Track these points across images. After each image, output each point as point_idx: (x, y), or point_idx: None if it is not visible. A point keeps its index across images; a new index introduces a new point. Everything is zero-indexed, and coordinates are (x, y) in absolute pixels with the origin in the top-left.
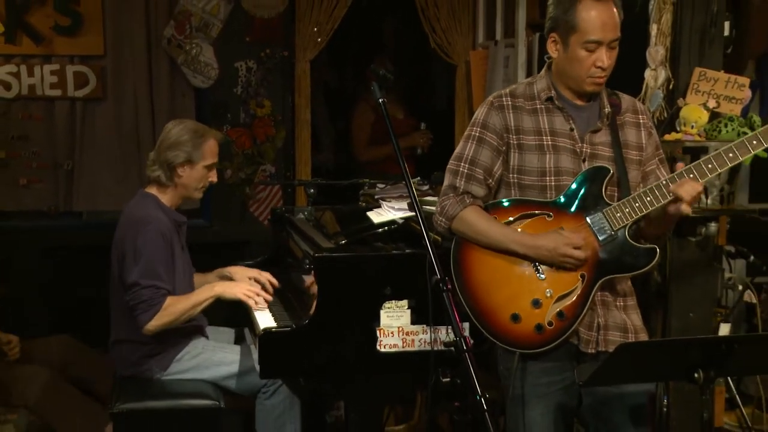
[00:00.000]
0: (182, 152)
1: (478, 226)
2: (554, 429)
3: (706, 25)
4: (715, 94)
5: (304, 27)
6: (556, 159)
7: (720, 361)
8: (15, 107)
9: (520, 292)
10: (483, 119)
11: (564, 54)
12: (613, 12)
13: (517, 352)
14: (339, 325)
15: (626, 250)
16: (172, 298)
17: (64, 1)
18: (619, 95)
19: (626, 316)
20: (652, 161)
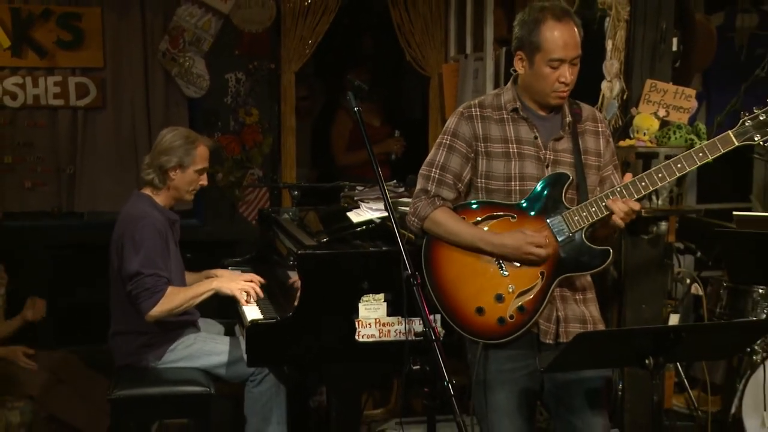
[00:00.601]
0: (174, 157)
1: (448, 226)
2: (518, 412)
3: (657, 41)
4: (665, 104)
5: (290, 41)
6: (521, 165)
7: (668, 349)
8: (21, 116)
9: (485, 288)
10: (453, 128)
11: (530, 71)
12: (574, 32)
13: (481, 342)
14: (320, 317)
15: (583, 250)
16: (173, 288)
17: (66, 17)
18: (580, 105)
19: (585, 308)
20: (608, 167)
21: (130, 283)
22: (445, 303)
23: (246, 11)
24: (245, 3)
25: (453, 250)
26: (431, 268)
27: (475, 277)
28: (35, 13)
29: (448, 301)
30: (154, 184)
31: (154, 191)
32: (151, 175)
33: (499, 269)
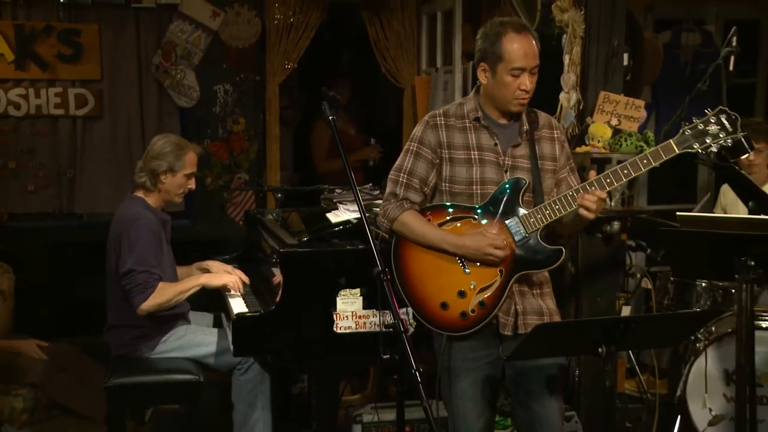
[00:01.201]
0: (165, 162)
1: (415, 227)
2: (481, 397)
3: (609, 56)
4: (617, 114)
5: (274, 56)
6: (482, 170)
7: (619, 338)
8: (24, 124)
9: (449, 284)
10: (420, 136)
11: (492, 80)
12: (532, 43)
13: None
14: (301, 310)
15: (538, 249)
16: (163, 284)
17: (67, 33)
18: (537, 113)
19: (542, 301)
20: (564, 170)
21: (123, 279)
22: (413, 298)
23: (233, 28)
24: (232, 20)
25: (419, 250)
26: (400, 266)
27: (440, 274)
28: (38, 29)
29: (416, 297)
30: (146, 187)
31: (146, 193)
32: (143, 178)
33: (462, 267)
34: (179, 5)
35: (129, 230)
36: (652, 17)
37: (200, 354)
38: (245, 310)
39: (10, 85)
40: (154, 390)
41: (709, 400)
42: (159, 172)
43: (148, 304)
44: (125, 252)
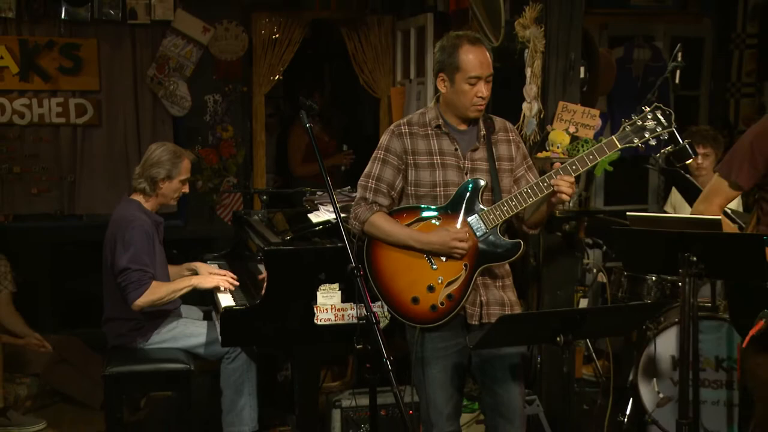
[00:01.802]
0: (163, 169)
1: (384, 228)
2: (450, 383)
3: (567, 69)
4: (574, 122)
5: (260, 68)
6: (444, 174)
7: (576, 328)
8: (28, 132)
9: (418, 280)
10: (386, 144)
11: (451, 89)
12: (486, 54)
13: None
14: (284, 304)
15: (498, 243)
16: (157, 282)
17: (68, 47)
18: (493, 118)
19: (504, 293)
20: (521, 168)
21: (119, 276)
22: (385, 294)
23: (222, 42)
24: (221, 35)
25: (389, 249)
26: (372, 265)
27: (409, 271)
28: (41, 43)
29: (388, 293)
30: (145, 192)
31: (144, 197)
32: (142, 184)
33: (429, 263)
34: (172, 21)
35: (124, 231)
36: (607, 34)
37: (191, 344)
38: (232, 304)
39: (14, 95)
40: (148, 378)
41: (658, 384)
42: (158, 179)
43: (142, 301)
44: (120, 251)
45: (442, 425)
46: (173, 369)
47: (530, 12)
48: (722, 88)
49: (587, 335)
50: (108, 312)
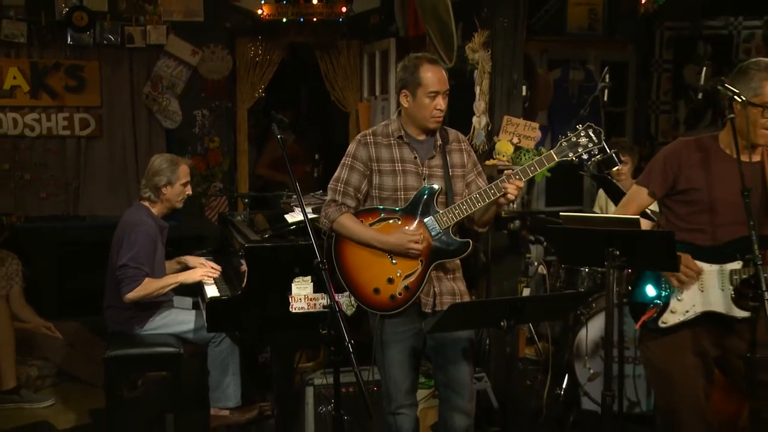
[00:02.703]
0: (164, 177)
1: (350, 227)
2: (407, 362)
3: (511, 88)
4: (517, 134)
5: (243, 86)
6: (405, 179)
7: (517, 314)
8: (37, 143)
9: (379, 273)
10: (353, 152)
11: (413, 103)
12: (443, 72)
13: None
14: (263, 294)
15: (450, 242)
16: (149, 279)
17: (73, 68)
18: (447, 130)
19: (455, 284)
20: (472, 173)
21: (118, 270)
22: (351, 285)
23: (209, 64)
24: (209, 57)
25: (355, 246)
26: (339, 260)
27: (372, 265)
28: (49, 65)
29: (353, 284)
30: (151, 199)
31: (151, 204)
32: (147, 192)
33: (390, 259)
34: (165, 45)
35: (130, 232)
36: (546, 57)
37: (181, 330)
38: (217, 295)
39: (26, 111)
40: (143, 360)
41: (589, 362)
42: (160, 186)
43: (133, 295)
44: (124, 249)
45: (401, 399)
46: (165, 352)
47: (479, 38)
48: (644, 105)
49: (527, 320)
50: (108, 300)
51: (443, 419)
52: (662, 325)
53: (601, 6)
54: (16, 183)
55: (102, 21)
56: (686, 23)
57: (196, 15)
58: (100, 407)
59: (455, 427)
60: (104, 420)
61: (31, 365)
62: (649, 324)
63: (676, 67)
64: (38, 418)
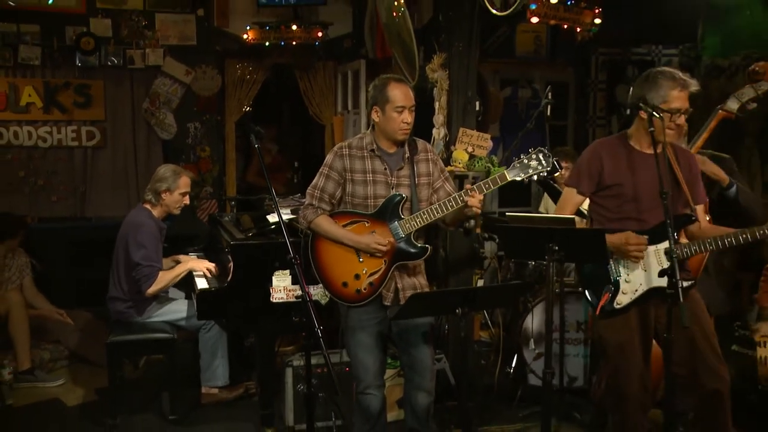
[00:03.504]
0: (165, 183)
1: (325, 228)
2: (374, 346)
3: (466, 104)
4: (472, 144)
5: (231, 102)
6: (375, 188)
7: (470, 302)
8: (49, 153)
9: (348, 269)
10: (330, 162)
11: (383, 117)
12: (408, 89)
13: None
14: (246, 286)
15: (411, 246)
16: (162, 273)
17: (80, 87)
18: (416, 141)
19: (416, 279)
20: (439, 180)
21: (134, 270)
22: (323, 279)
23: (201, 82)
24: (200, 76)
25: (328, 244)
26: (315, 256)
27: (342, 262)
28: (59, 84)
29: (325, 277)
30: (151, 202)
31: (152, 206)
32: (149, 195)
33: (357, 257)
34: (162, 66)
35: (136, 233)
36: (498, 77)
37: (175, 318)
38: (207, 287)
39: (39, 124)
40: (141, 345)
41: (535, 343)
42: (160, 191)
43: (153, 289)
44: (134, 249)
45: (369, 381)
46: (161, 338)
47: (438, 59)
48: (583, 120)
49: (480, 307)
50: (111, 292)
51: (407, 396)
52: (617, 306)
53: (545, 33)
54: (31, 188)
55: (106, 45)
56: (617, 49)
57: (190, 39)
58: (105, 386)
59: (418, 403)
60: (109, 397)
61: (44, 349)
62: (606, 306)
63: (609, 87)
64: (51, 395)
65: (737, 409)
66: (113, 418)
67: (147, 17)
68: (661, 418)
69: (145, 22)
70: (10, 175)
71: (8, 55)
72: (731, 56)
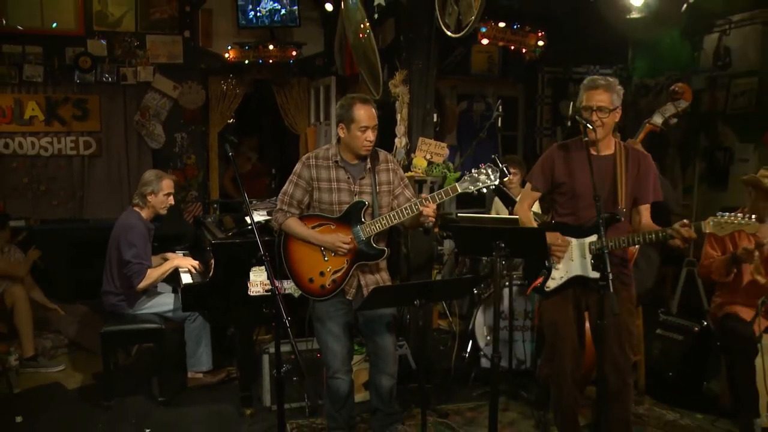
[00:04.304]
0: (150, 187)
1: (295, 228)
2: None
3: (424, 115)
4: (430, 152)
5: (214, 114)
6: (339, 195)
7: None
8: (50, 161)
9: (314, 267)
10: (299, 171)
11: (348, 135)
12: (372, 110)
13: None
14: (226, 281)
15: (371, 248)
16: (151, 269)
17: (78, 101)
18: (378, 151)
19: (379, 276)
20: (399, 187)
21: (125, 267)
22: (293, 275)
23: (187, 96)
24: (186, 91)
25: (298, 243)
26: (286, 254)
27: (309, 260)
28: (59, 99)
29: (294, 273)
30: (139, 205)
31: (140, 208)
32: (136, 199)
33: (323, 256)
34: (152, 82)
35: (127, 233)
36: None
37: (163, 310)
38: (191, 281)
39: (41, 135)
40: (132, 334)
41: (487, 330)
42: (146, 194)
43: (142, 285)
44: (125, 248)
45: (337, 366)
46: (150, 328)
47: (399, 76)
48: (531, 131)
49: (436, 299)
50: (105, 286)
51: (372, 379)
52: (547, 288)
53: (497, 54)
54: (34, 193)
55: (102, 64)
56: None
57: (177, 58)
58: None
59: (382, 386)
60: (104, 381)
61: (46, 338)
62: (538, 288)
63: (554, 101)
64: (52, 380)
65: (658, 384)
66: (108, 400)
67: (139, 38)
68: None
69: (137, 42)
70: (15, 181)
71: (14, 73)
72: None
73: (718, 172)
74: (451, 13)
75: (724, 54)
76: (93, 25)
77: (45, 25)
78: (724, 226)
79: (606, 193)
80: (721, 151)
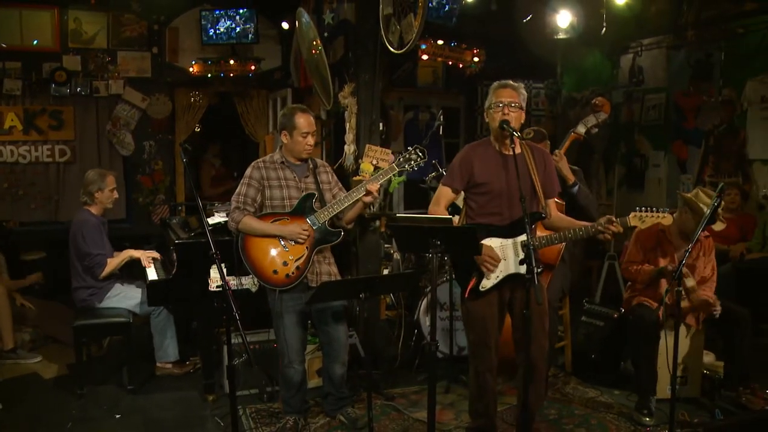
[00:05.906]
0: (95, 185)
1: (253, 225)
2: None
3: (371, 124)
4: (376, 158)
5: (180, 123)
6: (288, 192)
7: (372, 288)
8: (28, 168)
9: (276, 258)
10: (250, 174)
11: (291, 140)
12: (311, 119)
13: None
14: (189, 277)
15: (327, 232)
16: (109, 259)
17: (54, 112)
18: (315, 159)
19: (330, 267)
20: (335, 188)
21: (86, 259)
22: (255, 270)
23: (155, 107)
24: (154, 103)
25: (256, 239)
26: (245, 251)
27: (270, 253)
28: (37, 110)
29: (256, 269)
30: (87, 203)
31: (89, 206)
32: (84, 197)
33: (283, 247)
34: (122, 95)
35: (81, 230)
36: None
37: (130, 305)
38: (156, 278)
39: (20, 144)
40: (102, 328)
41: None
42: (93, 192)
43: (104, 273)
44: (82, 243)
45: (292, 356)
46: (119, 321)
47: (348, 88)
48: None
49: (380, 292)
50: (74, 283)
51: (325, 367)
52: (482, 289)
53: (441, 68)
54: (13, 197)
55: (76, 77)
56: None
57: (145, 72)
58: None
59: (334, 372)
60: (77, 371)
61: (25, 332)
62: (473, 288)
63: None
64: (30, 370)
65: (582, 365)
66: (81, 388)
67: (110, 54)
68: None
69: (108, 58)
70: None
71: None
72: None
73: (635, 175)
74: (394, 32)
75: (637, 72)
76: (68, 42)
77: (24, 43)
78: (645, 220)
79: (527, 191)
80: (638, 157)
